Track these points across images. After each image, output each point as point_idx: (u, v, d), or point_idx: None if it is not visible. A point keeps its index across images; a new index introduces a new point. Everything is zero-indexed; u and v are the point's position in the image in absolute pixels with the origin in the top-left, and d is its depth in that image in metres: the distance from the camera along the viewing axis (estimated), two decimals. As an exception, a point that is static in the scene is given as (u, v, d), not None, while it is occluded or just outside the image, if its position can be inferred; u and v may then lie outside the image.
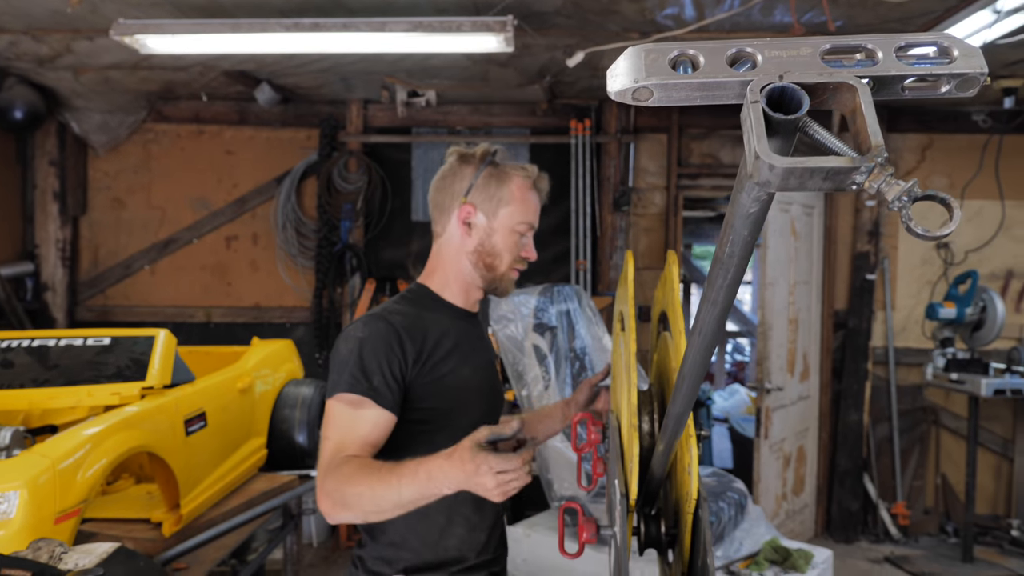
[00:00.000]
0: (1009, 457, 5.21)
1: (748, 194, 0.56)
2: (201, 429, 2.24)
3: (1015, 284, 5.17)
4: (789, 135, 0.52)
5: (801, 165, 0.47)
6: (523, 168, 1.61)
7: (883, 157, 0.47)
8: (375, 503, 1.28)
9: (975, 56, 0.52)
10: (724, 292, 0.70)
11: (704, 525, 1.21)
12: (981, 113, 4.98)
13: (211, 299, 5.36)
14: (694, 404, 1.10)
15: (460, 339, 1.58)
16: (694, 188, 5.20)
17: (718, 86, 0.53)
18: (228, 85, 4.76)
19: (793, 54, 0.53)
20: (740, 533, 3.12)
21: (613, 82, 0.55)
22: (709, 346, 0.81)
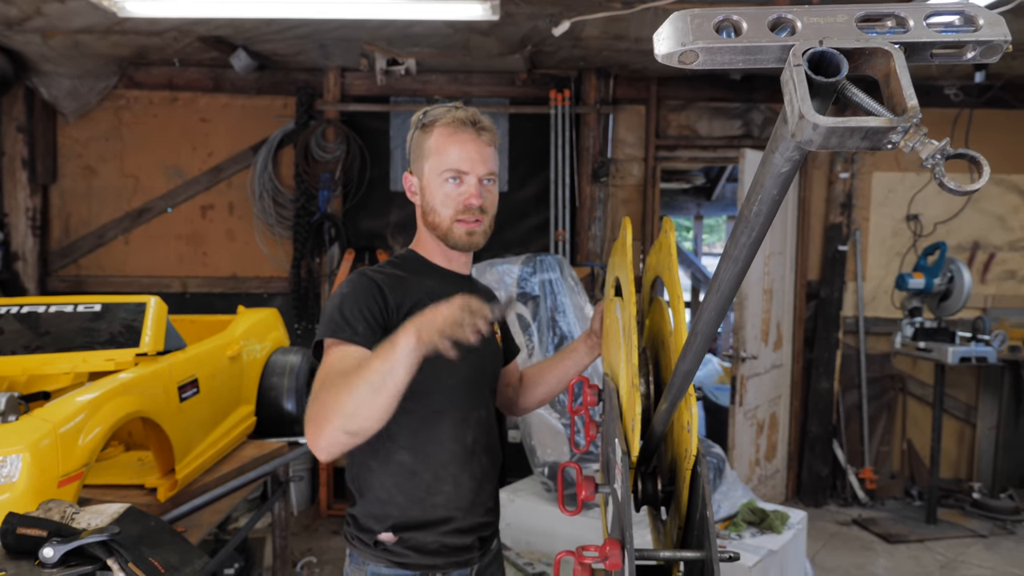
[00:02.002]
0: (972, 423, 5.41)
1: (782, 154, 0.59)
2: (194, 396, 2.25)
3: (981, 255, 5.32)
4: (827, 97, 0.55)
5: (843, 125, 0.50)
6: (448, 111, 1.55)
7: (918, 118, 0.51)
8: (351, 395, 1.24)
9: (999, 24, 0.55)
10: (747, 250, 0.73)
11: (703, 480, 1.26)
12: (953, 87, 5.08)
13: (187, 269, 5.31)
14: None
15: (443, 297, 1.59)
16: (672, 160, 5.25)
17: (760, 50, 0.56)
18: (203, 51, 4.67)
19: (830, 20, 0.56)
20: (719, 496, 3.21)
21: (660, 45, 0.57)
22: (725, 303, 0.84)
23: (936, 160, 0.50)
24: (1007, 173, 5.26)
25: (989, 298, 5.31)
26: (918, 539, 4.63)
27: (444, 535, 1.54)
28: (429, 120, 1.56)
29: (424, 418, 1.51)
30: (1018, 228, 5.31)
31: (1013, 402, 5.25)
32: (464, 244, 1.58)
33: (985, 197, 5.27)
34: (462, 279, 1.67)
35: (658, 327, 1.55)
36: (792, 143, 0.55)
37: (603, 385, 1.65)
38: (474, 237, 1.58)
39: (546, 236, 5.09)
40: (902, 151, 0.52)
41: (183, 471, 2.18)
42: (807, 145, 0.53)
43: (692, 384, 1.25)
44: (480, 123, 1.55)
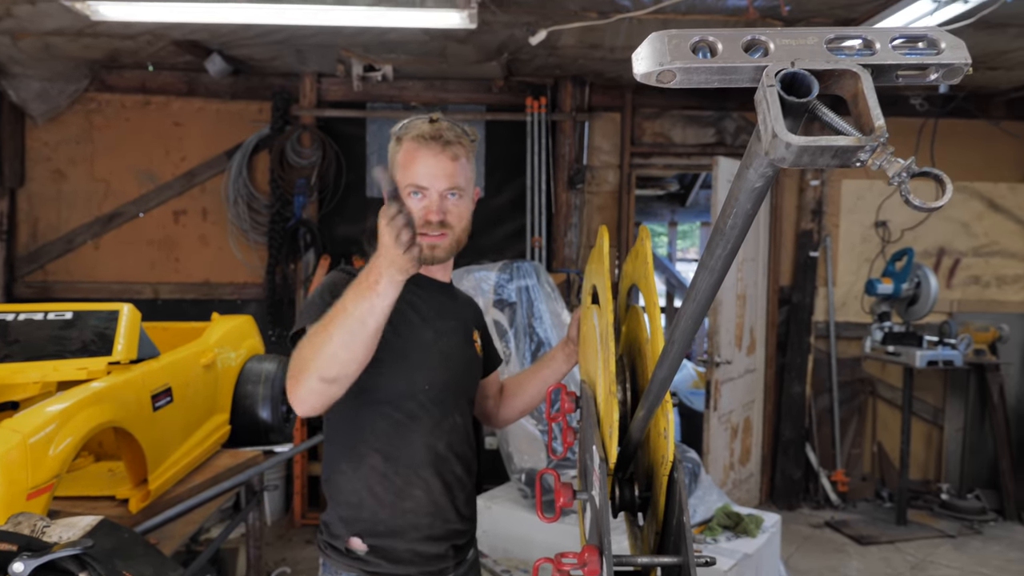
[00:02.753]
0: (939, 425, 5.52)
1: (756, 170, 0.61)
2: (167, 405, 2.23)
3: (947, 261, 5.44)
4: (799, 117, 0.57)
5: (814, 143, 0.52)
6: (418, 125, 1.57)
7: (885, 137, 0.53)
8: (329, 340, 1.25)
9: (960, 48, 0.58)
10: (722, 261, 0.75)
11: (680, 486, 1.28)
12: (918, 98, 5.20)
13: (158, 275, 5.24)
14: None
15: (424, 305, 1.61)
16: (646, 167, 5.30)
17: (734, 70, 0.58)
18: (177, 55, 4.63)
19: (801, 43, 0.58)
20: (694, 500, 3.24)
21: (639, 64, 0.59)
22: (701, 312, 0.86)
23: (902, 178, 0.52)
24: (970, 181, 5.39)
25: (955, 303, 5.43)
26: (889, 540, 4.71)
27: (415, 542, 1.54)
28: (402, 133, 1.58)
29: (397, 422, 1.52)
30: (981, 234, 5.44)
31: (978, 404, 5.36)
32: (426, 257, 1.57)
33: (950, 204, 5.38)
34: (441, 287, 1.68)
35: (635, 334, 1.57)
36: (765, 160, 0.57)
37: (580, 392, 1.66)
38: (436, 251, 1.58)
39: (522, 242, 5.11)
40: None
41: (156, 482, 2.16)
42: (780, 163, 0.54)
43: (668, 391, 1.27)
44: (444, 137, 1.54)
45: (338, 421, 1.57)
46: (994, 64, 4.50)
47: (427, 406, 1.55)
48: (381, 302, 1.25)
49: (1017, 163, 5.39)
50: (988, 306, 5.44)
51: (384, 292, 1.24)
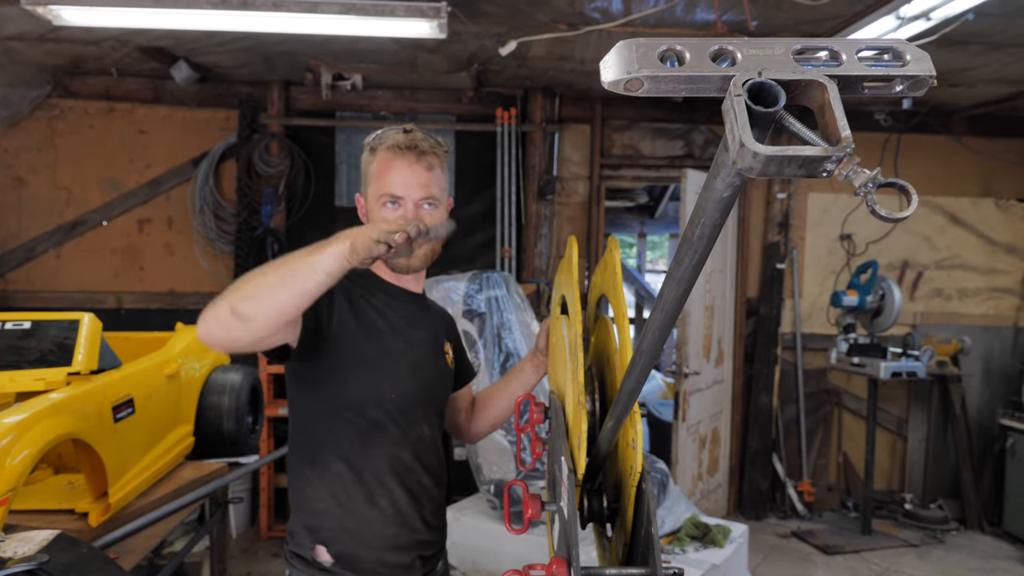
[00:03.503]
0: (903, 435, 5.61)
1: (723, 180, 0.61)
2: (129, 416, 2.17)
3: (910, 274, 5.54)
4: (766, 127, 0.57)
5: (781, 153, 0.52)
6: (392, 135, 1.57)
7: (851, 148, 0.53)
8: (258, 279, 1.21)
9: (925, 60, 0.58)
10: (690, 271, 0.75)
11: (648, 497, 1.27)
12: (882, 113, 5.30)
13: (122, 284, 5.14)
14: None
15: (395, 315, 1.60)
16: (616, 178, 5.34)
17: (702, 79, 0.57)
18: (142, 61, 4.56)
19: (769, 53, 0.58)
20: (663, 511, 3.25)
21: (606, 72, 0.59)
22: (669, 323, 0.86)
23: (868, 188, 0.52)
24: (932, 195, 5.51)
25: (918, 315, 5.53)
26: (854, 550, 4.76)
27: (381, 551, 1.53)
28: (376, 143, 1.58)
29: (362, 430, 1.50)
30: (944, 248, 5.56)
31: (941, 415, 5.46)
32: (402, 267, 1.59)
33: (913, 218, 5.50)
34: (413, 297, 1.67)
35: (604, 345, 1.57)
36: (733, 170, 0.56)
37: (549, 403, 1.65)
38: (412, 261, 1.58)
39: (492, 253, 5.11)
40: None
41: (117, 494, 2.10)
42: (747, 172, 0.54)
43: (637, 402, 1.27)
44: (419, 147, 1.55)
45: (303, 428, 1.55)
46: (956, 81, 4.61)
47: (394, 415, 1.53)
48: (322, 263, 1.20)
49: (978, 178, 5.52)
50: (950, 318, 5.55)
51: (330, 255, 1.20)
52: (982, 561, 4.68)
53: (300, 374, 1.54)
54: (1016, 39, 3.75)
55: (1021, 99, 4.83)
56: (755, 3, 3.33)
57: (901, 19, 3.09)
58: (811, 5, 3.21)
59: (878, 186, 0.53)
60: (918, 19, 3.09)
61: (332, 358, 1.48)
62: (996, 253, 5.57)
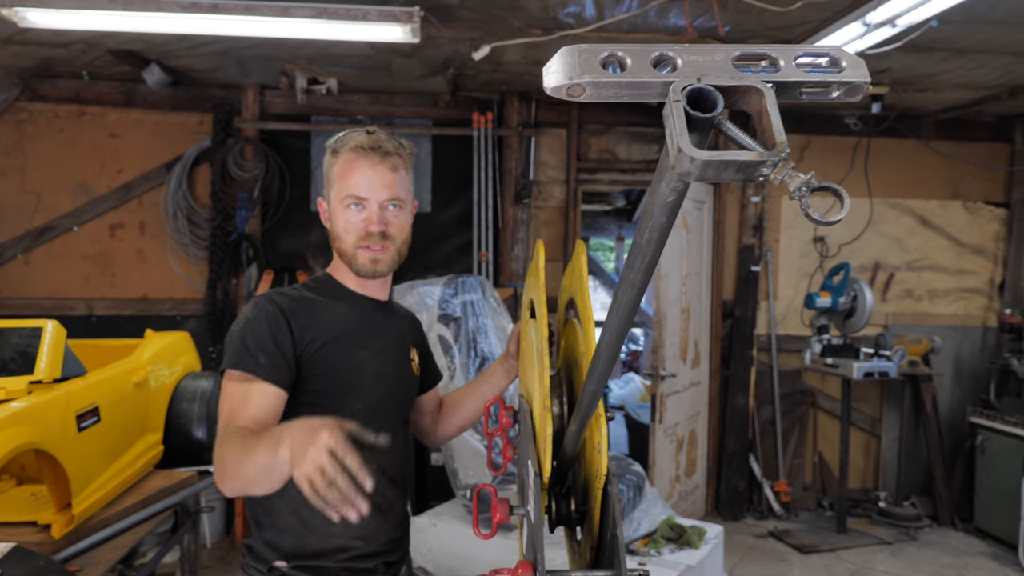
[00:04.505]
0: (877, 435, 5.67)
1: (667, 184, 0.62)
2: (94, 425, 2.14)
3: (881, 275, 5.62)
4: (705, 131, 0.58)
5: (717, 158, 0.53)
6: (354, 137, 1.55)
7: (786, 152, 0.54)
8: (246, 469, 1.23)
9: (860, 67, 0.59)
10: (641, 274, 0.76)
11: (613, 500, 1.28)
12: (852, 117, 5.37)
13: (93, 291, 5.07)
14: None
15: (357, 324, 1.57)
16: (592, 182, 5.36)
17: (643, 85, 0.58)
18: (114, 64, 4.51)
19: (708, 59, 0.59)
20: (639, 513, 3.26)
21: (548, 78, 0.59)
22: (625, 326, 0.87)
23: (802, 192, 0.53)
24: (902, 198, 5.59)
25: (890, 315, 5.60)
26: (830, 548, 4.80)
27: (344, 562, 1.52)
28: (338, 145, 1.56)
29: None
30: (914, 250, 5.63)
31: (913, 414, 5.53)
32: (368, 271, 1.56)
33: (883, 220, 5.57)
34: (377, 305, 1.64)
35: (572, 348, 1.57)
36: (673, 174, 0.57)
37: (519, 406, 1.66)
38: (378, 265, 1.55)
39: (469, 257, 5.10)
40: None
41: (81, 505, 2.07)
42: (686, 177, 0.55)
43: (602, 405, 1.27)
44: (383, 148, 1.53)
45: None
46: (923, 86, 4.68)
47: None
48: (282, 465, 1.16)
49: (947, 181, 5.61)
50: (921, 319, 5.63)
51: (283, 460, 1.15)
52: (954, 557, 4.74)
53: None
54: (979, 45, 3.82)
55: (986, 104, 4.91)
56: (726, 9, 3.36)
57: (868, 25, 3.13)
58: (780, 11, 3.25)
59: (812, 190, 0.53)
60: (884, 25, 3.14)
61: (300, 384, 1.48)
62: (965, 254, 5.66)
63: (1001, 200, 5.67)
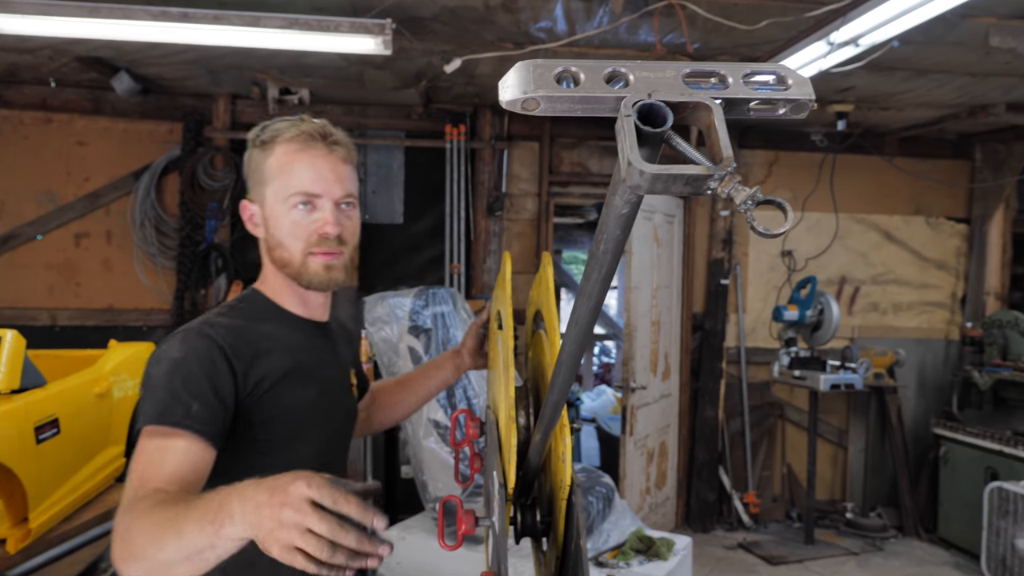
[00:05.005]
0: (844, 446, 5.75)
1: (621, 197, 0.63)
2: (53, 437, 2.10)
3: (847, 289, 5.71)
4: (656, 146, 0.59)
5: (666, 171, 0.54)
6: (292, 125, 1.30)
7: (732, 167, 0.55)
8: (161, 546, 0.94)
9: (806, 85, 0.61)
10: (598, 286, 0.77)
11: (577, 510, 1.29)
12: (818, 134, 5.48)
13: (57, 300, 4.99)
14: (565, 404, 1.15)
15: (302, 355, 1.35)
16: (564, 195, 5.39)
17: (596, 100, 0.60)
18: (81, 71, 4.46)
19: (660, 75, 0.61)
20: (608, 525, 3.27)
21: (504, 92, 0.60)
22: (584, 337, 0.88)
23: (748, 205, 0.55)
24: (867, 213, 5.70)
25: (856, 328, 5.70)
26: (798, 560, 4.85)
27: None
28: (269, 136, 1.31)
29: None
30: (879, 264, 5.74)
31: (879, 426, 5.62)
32: (322, 281, 1.32)
33: (849, 235, 5.68)
34: (319, 329, 1.42)
35: (539, 359, 1.58)
36: (625, 187, 0.58)
37: (485, 418, 1.66)
38: (333, 272, 1.33)
39: (441, 269, 5.10)
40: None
41: (38, 519, 2.03)
42: (637, 189, 0.56)
43: (566, 415, 1.28)
44: (332, 136, 1.31)
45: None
46: (886, 104, 4.79)
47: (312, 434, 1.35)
48: (224, 545, 0.92)
49: (910, 197, 5.73)
50: (886, 332, 5.73)
51: (230, 538, 0.91)
52: (918, 567, 4.81)
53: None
54: (939, 66, 3.92)
55: (947, 122, 5.04)
56: (695, 27, 3.42)
57: (832, 45, 3.21)
58: (748, 30, 3.31)
59: (757, 203, 0.55)
60: (847, 45, 3.21)
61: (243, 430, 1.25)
62: (928, 269, 5.79)
63: (962, 216, 5.81)
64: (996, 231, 5.67)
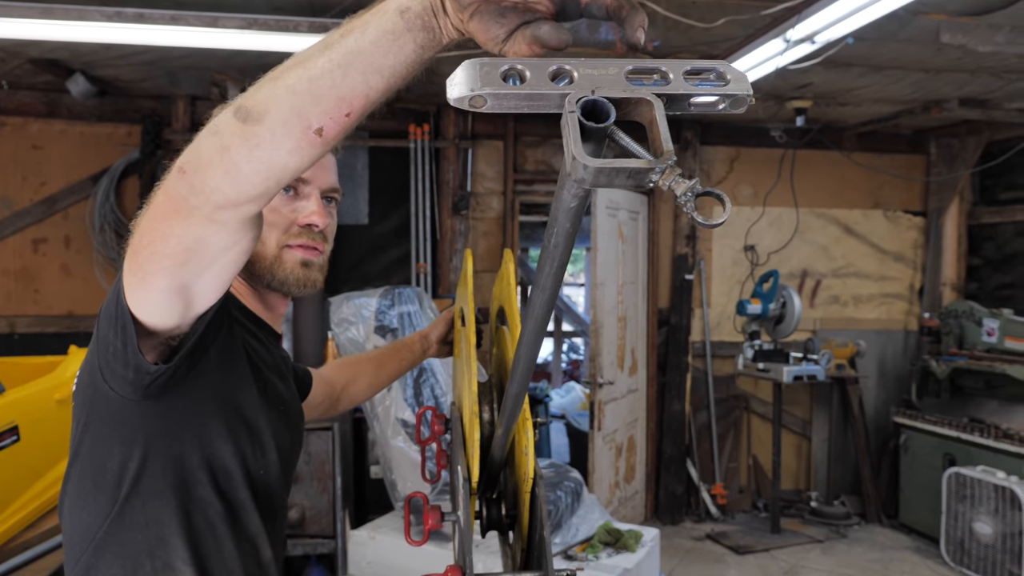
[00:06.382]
0: (808, 436, 5.86)
1: (568, 191, 0.65)
2: (13, 444, 2.07)
3: (809, 282, 5.82)
4: (600, 141, 0.61)
5: (609, 165, 0.56)
6: None
7: (673, 160, 0.57)
8: (303, 72, 0.72)
9: (743, 81, 0.64)
10: (551, 279, 0.79)
11: (540, 502, 1.31)
12: (778, 130, 5.57)
13: (14, 308, 4.88)
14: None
15: (270, 364, 1.20)
16: (529, 193, 5.42)
17: (541, 97, 0.61)
18: (36, 74, 4.37)
19: (603, 72, 0.63)
20: (576, 520, 3.30)
21: (452, 90, 0.62)
22: (540, 329, 0.90)
23: (688, 197, 0.57)
24: (827, 207, 5.81)
25: (817, 321, 5.81)
26: (764, 548, 4.93)
27: None
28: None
29: (220, 514, 1.07)
30: (839, 257, 5.86)
31: (841, 416, 5.74)
32: (297, 279, 1.17)
33: (810, 229, 5.79)
34: (277, 339, 1.29)
35: (503, 354, 1.60)
36: (571, 181, 0.60)
37: (450, 414, 1.67)
38: (311, 271, 1.18)
39: (408, 269, 5.09)
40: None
41: None
42: (582, 183, 0.58)
43: (528, 409, 1.30)
44: None
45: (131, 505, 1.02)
46: (844, 100, 4.89)
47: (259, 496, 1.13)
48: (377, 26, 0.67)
49: (868, 191, 5.86)
50: (847, 324, 5.85)
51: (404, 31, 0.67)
52: (881, 553, 4.93)
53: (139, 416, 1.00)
54: (892, 62, 4.02)
55: (903, 117, 5.16)
56: (655, 25, 3.46)
57: (788, 42, 3.27)
58: (706, 28, 3.36)
59: (697, 195, 0.57)
60: (803, 42, 3.28)
61: (197, 404, 1.03)
62: (887, 261, 5.92)
63: (919, 209, 5.95)
64: (951, 223, 5.83)
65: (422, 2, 0.66)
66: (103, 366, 0.96)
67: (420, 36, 0.68)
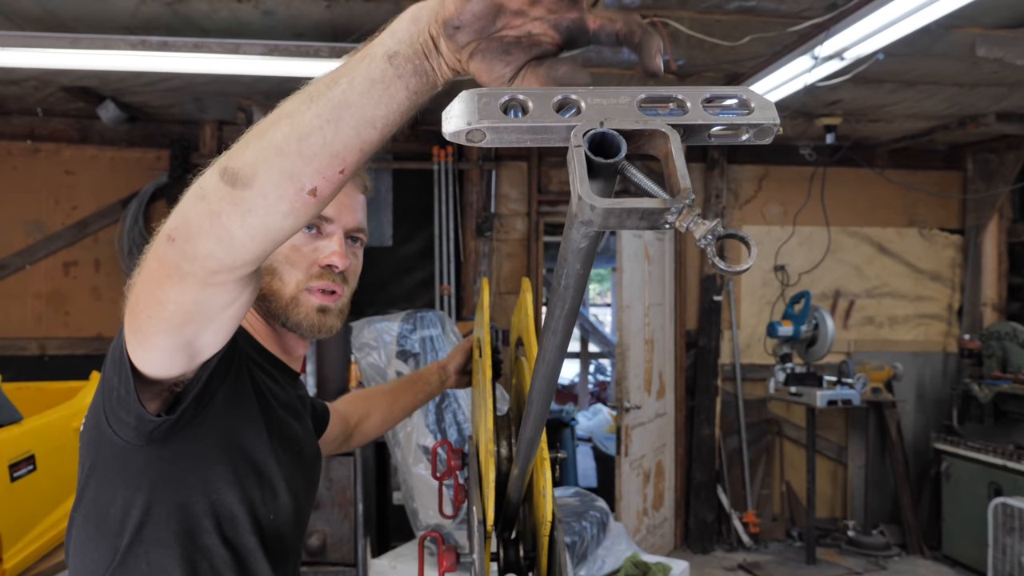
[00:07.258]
0: (844, 463, 5.69)
1: (577, 231, 0.59)
2: (29, 474, 2.05)
3: (842, 303, 5.68)
4: (610, 177, 0.56)
5: (619, 205, 0.50)
6: None
7: (691, 199, 0.51)
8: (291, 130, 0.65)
9: (769, 108, 0.58)
10: (563, 321, 0.73)
11: (559, 546, 1.24)
12: (807, 147, 5.47)
13: (46, 330, 4.94)
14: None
15: (289, 413, 1.17)
16: (554, 214, 5.37)
17: (545, 130, 0.56)
18: (68, 101, 4.45)
19: (613, 102, 0.57)
20: (602, 551, 3.21)
21: (447, 124, 0.57)
22: (553, 373, 0.84)
23: (708, 240, 0.51)
24: (859, 226, 5.68)
25: (852, 343, 5.66)
26: (798, 579, 4.78)
27: None
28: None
29: (226, 563, 1.03)
30: (873, 277, 5.71)
31: (878, 441, 5.56)
32: (312, 325, 1.12)
33: (842, 248, 5.65)
34: (297, 379, 1.25)
35: (522, 386, 1.54)
36: (578, 223, 0.55)
37: (467, 449, 1.62)
38: (327, 317, 1.13)
39: (431, 291, 5.06)
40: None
41: (13, 559, 1.97)
42: (589, 225, 0.53)
43: (546, 448, 1.24)
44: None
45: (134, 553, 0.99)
46: (875, 116, 4.78)
47: (269, 542, 1.09)
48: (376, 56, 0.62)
49: (902, 209, 5.72)
50: (883, 345, 5.69)
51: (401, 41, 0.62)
52: (922, 586, 4.74)
53: (143, 461, 0.97)
54: (925, 77, 3.91)
55: (937, 133, 5.03)
56: (678, 44, 3.41)
57: (816, 59, 3.20)
58: (731, 46, 3.30)
59: (718, 238, 0.51)
60: (832, 59, 3.20)
61: (203, 449, 1.00)
62: (923, 281, 5.76)
63: (956, 227, 5.79)
64: (991, 241, 5.65)
65: (412, 44, 0.62)
66: (107, 410, 0.95)
67: (412, 82, 0.65)
